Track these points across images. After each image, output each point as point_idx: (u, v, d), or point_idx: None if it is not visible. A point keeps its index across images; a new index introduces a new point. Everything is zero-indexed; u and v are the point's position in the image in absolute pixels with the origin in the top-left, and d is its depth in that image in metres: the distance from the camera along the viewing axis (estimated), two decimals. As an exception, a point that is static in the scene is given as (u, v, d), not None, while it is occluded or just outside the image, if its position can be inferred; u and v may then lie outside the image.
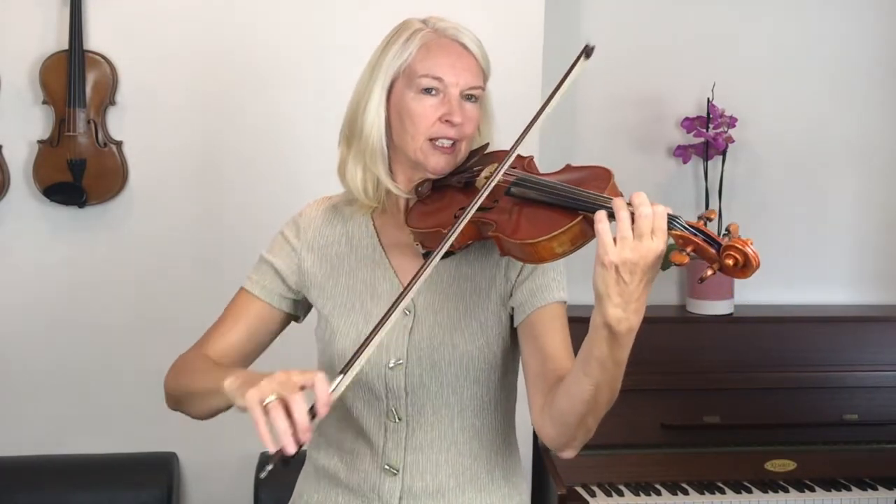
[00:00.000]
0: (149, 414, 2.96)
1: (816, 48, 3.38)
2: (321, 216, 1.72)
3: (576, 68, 1.54)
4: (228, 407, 1.50)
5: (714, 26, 3.32)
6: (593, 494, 2.76)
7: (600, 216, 1.32)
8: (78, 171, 2.80)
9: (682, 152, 3.26)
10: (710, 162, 3.26)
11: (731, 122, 3.21)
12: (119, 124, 2.86)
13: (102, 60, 2.81)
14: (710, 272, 1.30)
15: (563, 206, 1.40)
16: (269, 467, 1.30)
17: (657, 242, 1.30)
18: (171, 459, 2.92)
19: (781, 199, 3.41)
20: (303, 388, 1.33)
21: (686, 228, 1.32)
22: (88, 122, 2.81)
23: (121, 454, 2.93)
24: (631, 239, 1.29)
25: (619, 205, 1.32)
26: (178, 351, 1.74)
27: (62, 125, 2.79)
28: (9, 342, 2.90)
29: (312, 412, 1.32)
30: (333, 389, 1.35)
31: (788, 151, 3.40)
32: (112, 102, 2.84)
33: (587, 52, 1.53)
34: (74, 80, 2.76)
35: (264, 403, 1.32)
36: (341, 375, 1.37)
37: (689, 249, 1.31)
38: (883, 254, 3.48)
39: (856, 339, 3.09)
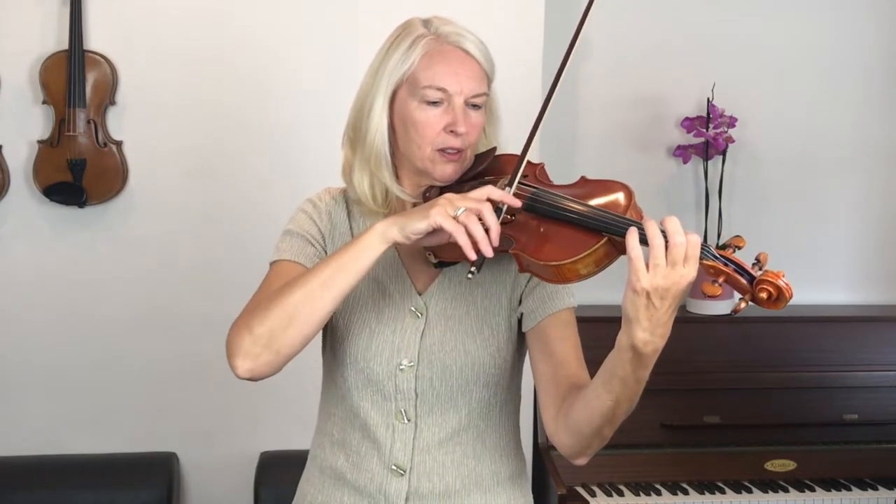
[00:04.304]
0: (149, 414, 2.97)
1: (816, 48, 3.38)
2: (336, 205, 1.69)
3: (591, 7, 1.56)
4: (366, 272, 1.46)
5: (714, 26, 3.32)
6: (593, 494, 2.76)
7: (633, 243, 1.31)
8: (78, 171, 2.80)
9: (682, 152, 3.26)
10: (710, 162, 3.26)
11: (731, 122, 3.21)
12: (119, 124, 2.86)
13: (102, 60, 2.81)
14: (742, 305, 1.32)
15: (587, 227, 1.39)
16: (474, 270, 1.41)
17: (689, 270, 1.30)
18: (171, 459, 2.92)
19: (781, 199, 3.41)
20: (482, 200, 1.42)
21: (717, 258, 1.32)
22: (88, 122, 2.81)
23: (121, 454, 2.93)
24: (664, 266, 1.30)
25: (653, 232, 1.31)
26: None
27: (62, 125, 2.79)
28: (8, 342, 2.90)
29: (498, 215, 1.42)
30: (511, 192, 1.46)
31: (788, 151, 3.40)
32: (112, 102, 2.84)
33: None
34: (74, 80, 2.76)
35: (456, 216, 1.40)
36: (508, 187, 1.47)
37: (720, 280, 1.32)
38: (883, 254, 3.48)
39: (856, 339, 3.09)
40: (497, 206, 1.43)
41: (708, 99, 3.23)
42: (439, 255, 1.56)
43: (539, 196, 1.48)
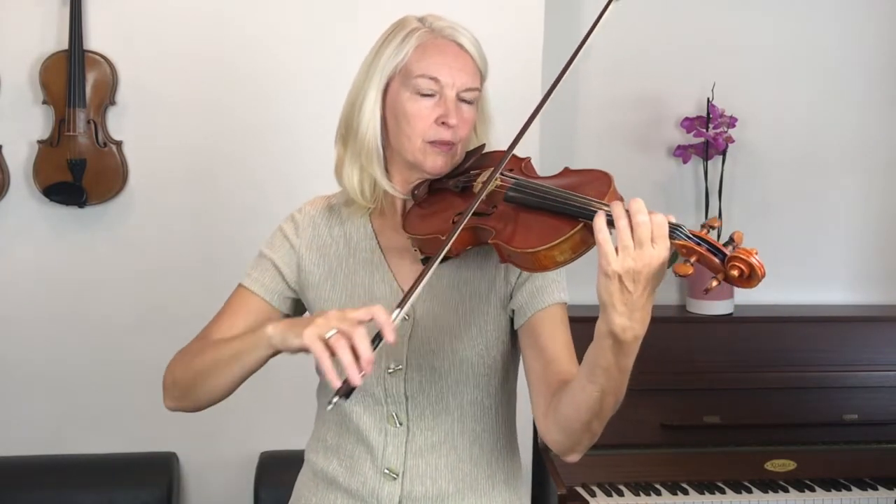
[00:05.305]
0: (149, 414, 2.96)
1: (816, 48, 3.38)
2: (319, 215, 1.71)
3: (606, 12, 1.53)
4: (260, 365, 1.51)
5: (714, 26, 3.32)
6: (593, 494, 2.76)
7: (600, 225, 1.29)
8: (78, 171, 2.80)
9: (682, 152, 3.26)
10: (710, 162, 3.26)
11: (731, 122, 3.21)
12: (119, 124, 2.86)
13: (102, 60, 2.81)
14: (714, 283, 1.29)
15: (564, 214, 1.39)
16: (335, 400, 1.33)
17: (659, 250, 1.28)
18: (171, 459, 2.92)
19: (781, 199, 3.41)
20: (360, 322, 1.35)
21: (689, 238, 1.30)
22: (88, 122, 2.81)
23: (121, 454, 2.93)
24: (632, 248, 1.27)
25: (618, 213, 1.29)
26: (179, 350, 1.75)
27: (62, 125, 2.79)
28: (9, 342, 2.90)
29: (375, 342, 1.34)
30: (394, 319, 1.37)
31: (788, 151, 3.40)
32: (112, 102, 2.84)
33: None
34: (74, 80, 2.76)
35: (326, 338, 1.34)
36: (398, 309, 1.39)
37: (692, 259, 1.29)
38: (883, 254, 3.48)
39: (856, 339, 3.09)
40: (377, 335, 1.36)
41: (708, 99, 3.23)
42: (425, 251, 1.56)
43: (517, 185, 1.49)
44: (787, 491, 2.83)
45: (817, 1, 3.36)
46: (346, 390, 1.32)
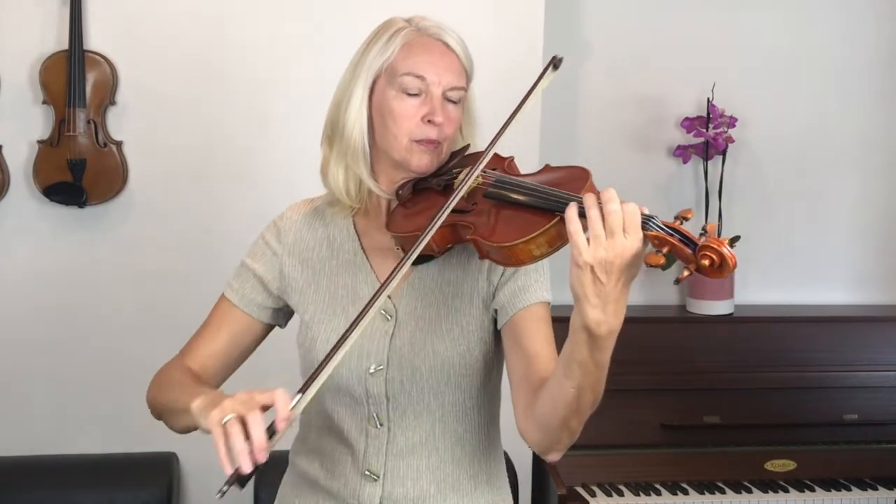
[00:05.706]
0: (149, 414, 2.96)
1: (816, 48, 3.38)
2: (302, 219, 1.71)
3: (543, 80, 1.53)
4: (194, 428, 1.50)
5: (714, 26, 3.32)
6: (593, 494, 2.76)
7: (571, 216, 1.29)
8: (78, 171, 2.80)
9: (682, 152, 3.26)
10: (710, 162, 3.26)
11: (731, 122, 3.21)
12: (119, 124, 2.86)
13: (102, 60, 2.81)
14: (686, 273, 1.28)
15: (541, 208, 1.39)
16: (225, 488, 1.29)
17: (631, 241, 1.26)
18: (171, 459, 2.92)
19: (781, 199, 3.41)
20: (264, 407, 1.32)
21: (661, 228, 1.29)
22: (88, 122, 2.81)
23: (121, 454, 2.93)
24: (603, 237, 1.26)
25: (589, 203, 1.28)
26: (178, 351, 1.75)
27: (62, 125, 2.79)
28: (8, 342, 2.90)
29: (271, 430, 1.31)
30: (293, 406, 1.34)
31: (788, 151, 3.40)
32: (112, 102, 2.84)
33: (555, 63, 1.53)
34: (74, 80, 2.76)
35: (223, 422, 1.31)
36: (299, 395, 1.36)
37: (664, 250, 1.29)
38: (883, 254, 3.48)
39: (856, 339, 3.09)
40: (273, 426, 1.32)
41: (708, 99, 3.23)
42: (407, 249, 1.55)
43: (497, 182, 1.50)
44: (787, 491, 2.83)
45: (817, 1, 3.36)
46: (238, 478, 1.28)
